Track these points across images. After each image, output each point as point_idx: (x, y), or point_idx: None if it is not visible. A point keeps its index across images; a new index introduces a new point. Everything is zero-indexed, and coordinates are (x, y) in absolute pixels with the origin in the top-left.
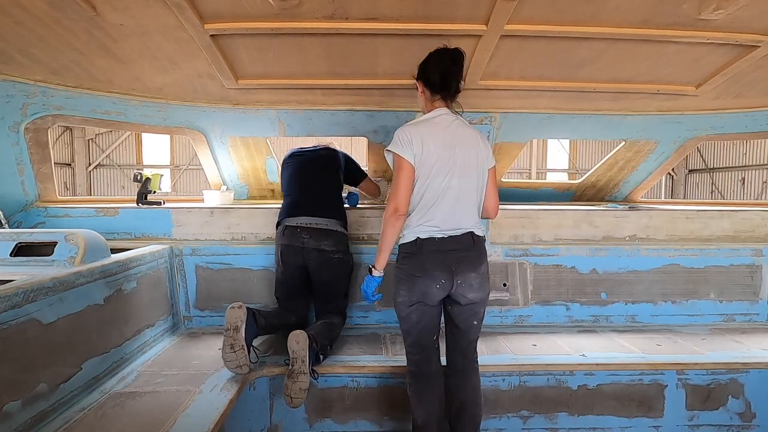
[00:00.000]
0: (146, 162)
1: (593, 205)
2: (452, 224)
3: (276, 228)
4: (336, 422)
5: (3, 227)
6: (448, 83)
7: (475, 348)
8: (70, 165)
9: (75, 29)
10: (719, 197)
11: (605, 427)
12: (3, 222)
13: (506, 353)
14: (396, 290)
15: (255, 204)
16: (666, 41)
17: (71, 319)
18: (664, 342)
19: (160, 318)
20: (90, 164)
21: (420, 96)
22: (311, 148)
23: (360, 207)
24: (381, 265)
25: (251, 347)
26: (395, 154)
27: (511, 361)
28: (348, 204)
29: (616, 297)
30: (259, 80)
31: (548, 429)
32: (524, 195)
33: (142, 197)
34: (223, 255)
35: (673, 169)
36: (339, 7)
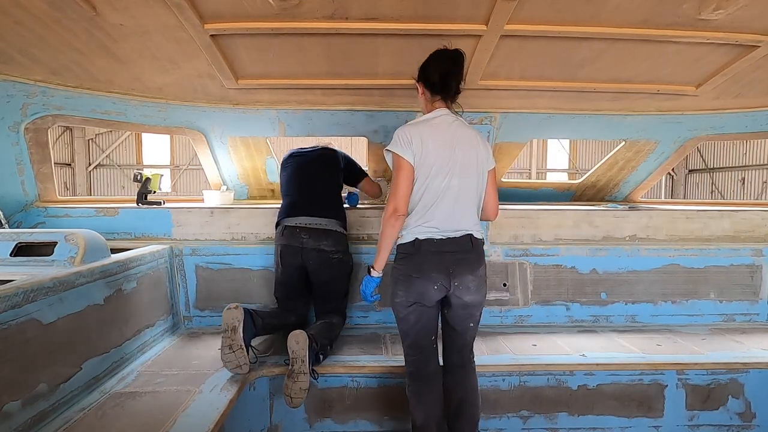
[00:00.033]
0: (146, 162)
1: (593, 205)
2: (451, 225)
3: (275, 228)
4: (336, 422)
5: (3, 227)
6: (449, 84)
7: (472, 348)
8: (70, 165)
9: (75, 29)
10: (719, 197)
11: (605, 427)
12: (3, 222)
13: (506, 353)
14: (393, 291)
15: (255, 204)
16: (666, 41)
17: (71, 319)
18: (664, 342)
19: (160, 318)
20: (90, 164)
21: (420, 97)
22: (310, 149)
23: (360, 207)
24: (380, 266)
25: (250, 347)
26: (395, 154)
27: (511, 361)
28: (348, 204)
29: (616, 297)
30: (259, 80)
31: (548, 429)
32: (524, 195)
33: (142, 197)
34: (223, 255)
35: (673, 169)
36: (339, 7)
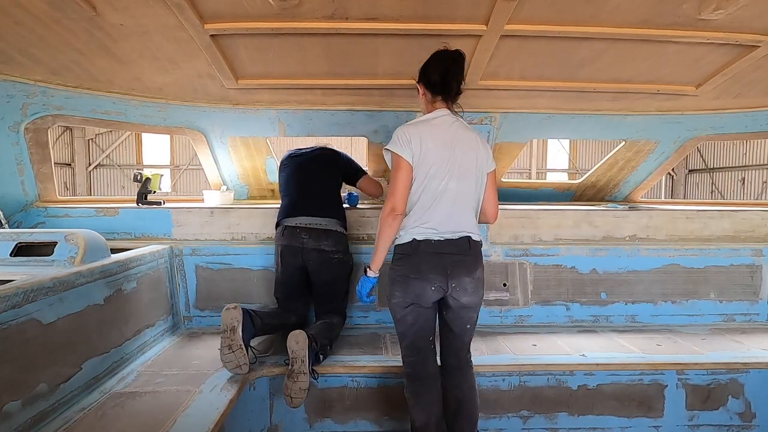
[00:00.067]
0: (146, 162)
1: (593, 205)
2: (449, 227)
3: (275, 228)
4: (336, 422)
5: (3, 227)
6: (449, 84)
7: (469, 348)
8: (70, 165)
9: (75, 29)
10: (719, 197)
11: (605, 427)
12: (3, 222)
13: (506, 353)
14: (390, 291)
15: (255, 204)
16: (666, 41)
17: (71, 319)
18: (664, 342)
19: (160, 318)
20: (90, 164)
21: (421, 98)
22: (309, 149)
23: (360, 207)
24: (376, 266)
25: (249, 347)
26: (393, 153)
27: (511, 361)
28: (348, 204)
29: (616, 297)
30: (259, 80)
31: (548, 429)
32: (524, 195)
33: (142, 197)
34: (223, 255)
35: (673, 169)
36: (339, 7)
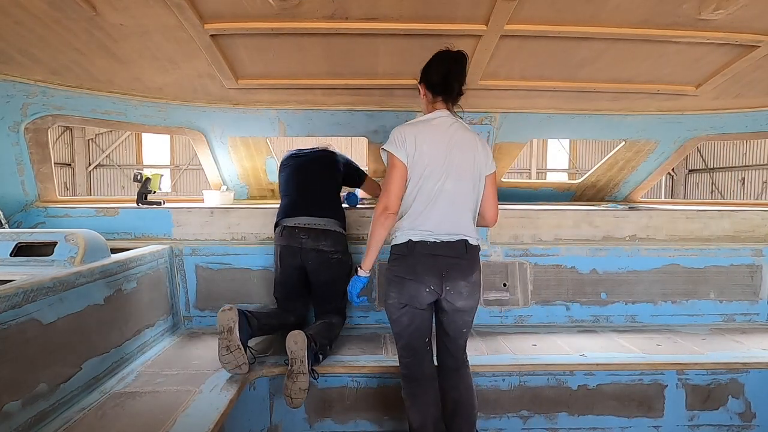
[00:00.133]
0: (146, 162)
1: (593, 205)
2: (446, 229)
3: (274, 229)
4: (336, 422)
5: (3, 227)
6: (450, 84)
7: (465, 349)
8: (70, 165)
9: (75, 29)
10: (719, 197)
11: (605, 427)
12: (3, 222)
13: (506, 353)
14: (386, 292)
15: (255, 204)
16: (666, 41)
17: (71, 319)
18: (664, 342)
19: (160, 318)
20: (90, 164)
21: (422, 99)
22: (310, 150)
23: (360, 207)
24: (367, 266)
25: (247, 347)
26: (389, 153)
27: (511, 361)
28: (347, 204)
29: (616, 297)
30: (259, 80)
31: (548, 429)
32: (524, 195)
33: (142, 197)
34: (223, 255)
35: (673, 169)
36: (339, 7)
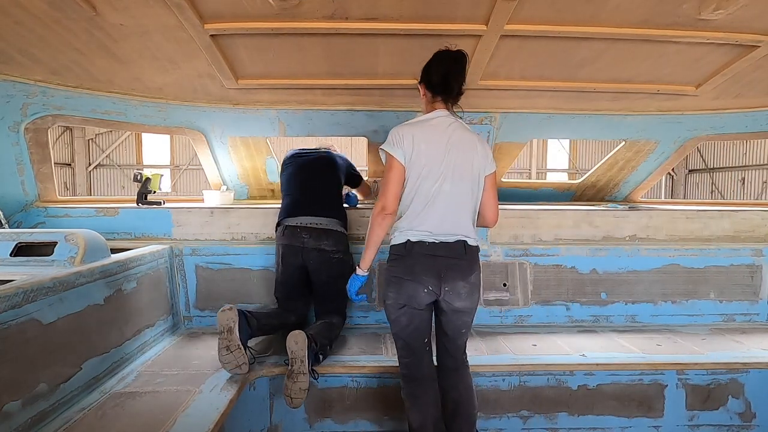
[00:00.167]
0: (146, 162)
1: (593, 205)
2: (444, 230)
3: (276, 228)
4: (336, 422)
5: (3, 227)
6: (450, 84)
7: (465, 350)
8: (70, 165)
9: (75, 29)
10: (719, 197)
11: (605, 427)
12: (3, 222)
13: (506, 353)
14: (385, 292)
15: (255, 204)
16: (666, 41)
17: (71, 319)
18: (664, 342)
19: (160, 318)
20: (90, 164)
21: (422, 99)
22: (312, 150)
23: (360, 207)
24: (366, 264)
25: (246, 347)
26: (386, 153)
27: (511, 361)
28: (347, 204)
29: (616, 297)
30: (259, 80)
31: (548, 429)
32: (524, 195)
33: (142, 197)
34: (223, 255)
35: (673, 169)
36: (339, 7)
